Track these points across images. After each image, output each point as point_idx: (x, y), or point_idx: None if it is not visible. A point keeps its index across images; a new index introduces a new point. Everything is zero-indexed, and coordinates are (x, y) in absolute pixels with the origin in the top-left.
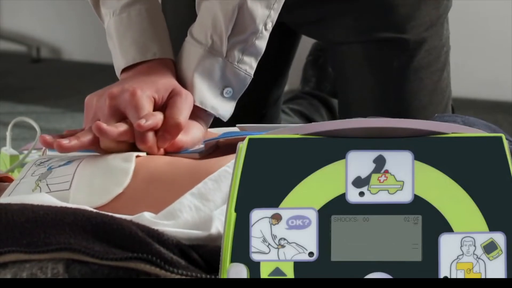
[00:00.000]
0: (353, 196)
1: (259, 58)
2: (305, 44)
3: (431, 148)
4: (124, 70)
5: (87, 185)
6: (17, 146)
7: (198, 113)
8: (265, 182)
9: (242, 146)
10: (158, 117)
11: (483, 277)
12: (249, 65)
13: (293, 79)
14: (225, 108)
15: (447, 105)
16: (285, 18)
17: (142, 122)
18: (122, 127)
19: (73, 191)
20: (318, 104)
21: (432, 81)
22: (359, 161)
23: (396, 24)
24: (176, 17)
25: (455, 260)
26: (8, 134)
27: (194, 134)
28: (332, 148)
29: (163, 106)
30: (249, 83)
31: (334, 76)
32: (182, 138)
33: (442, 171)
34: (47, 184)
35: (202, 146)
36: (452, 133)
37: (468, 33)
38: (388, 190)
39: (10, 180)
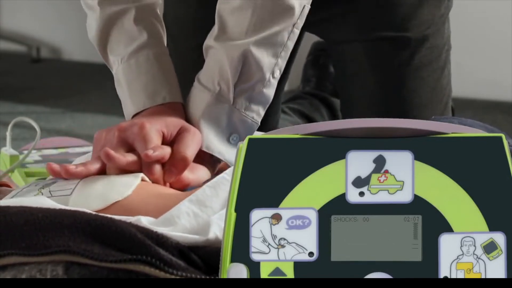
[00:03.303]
0: (353, 196)
1: (267, 106)
2: (305, 44)
3: (431, 148)
4: (134, 116)
5: (88, 191)
6: (17, 146)
7: (204, 158)
8: (265, 182)
9: (242, 146)
10: (166, 150)
11: (483, 277)
12: (256, 113)
13: (293, 79)
14: (231, 154)
15: (447, 103)
16: None
17: (150, 152)
18: (130, 156)
19: (73, 196)
20: (319, 104)
21: (433, 79)
22: (359, 161)
23: (398, 22)
24: (177, 21)
25: (455, 260)
26: (8, 134)
27: (200, 174)
28: (332, 148)
29: (172, 142)
30: (256, 129)
31: (335, 75)
32: (189, 175)
33: (442, 171)
34: (49, 191)
35: None
36: (452, 133)
37: (468, 33)
38: (388, 190)
39: (8, 187)
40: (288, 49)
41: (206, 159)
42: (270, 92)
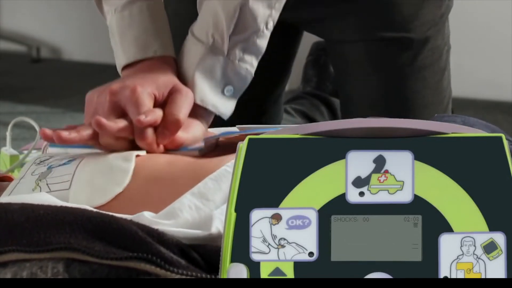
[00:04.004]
0: (353, 196)
1: (260, 57)
2: (306, 44)
3: (431, 148)
4: (125, 68)
5: (87, 185)
6: (17, 146)
7: (198, 111)
8: (265, 182)
9: (242, 146)
10: (158, 113)
11: (483, 277)
12: (250, 64)
13: (294, 79)
14: (226, 106)
15: (448, 104)
16: (288, 16)
17: (142, 117)
18: (121, 123)
19: (73, 191)
20: (319, 104)
21: (434, 80)
22: (359, 161)
23: (400, 23)
24: (177, 16)
25: (455, 260)
26: (8, 134)
27: (194, 131)
28: (332, 148)
29: (163, 103)
30: (249, 81)
31: (335, 75)
32: (182, 135)
33: (442, 171)
34: (47, 184)
35: (202, 144)
36: (452, 133)
37: (468, 33)
38: (388, 190)
39: (9, 179)
40: (281, 0)
41: (200, 112)
42: (263, 43)
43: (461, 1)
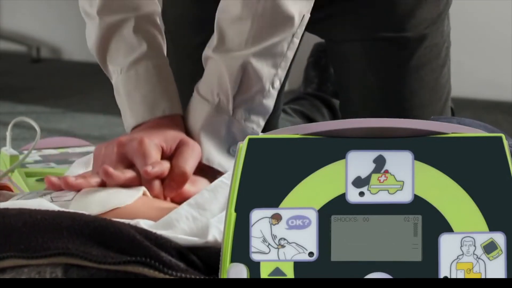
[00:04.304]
0: (353, 196)
1: (267, 117)
2: (307, 45)
3: (431, 148)
4: (134, 128)
5: (89, 198)
6: (17, 146)
7: (205, 170)
8: (265, 182)
9: (242, 146)
10: (165, 165)
11: (483, 277)
12: (256, 123)
13: (294, 80)
14: (231, 165)
15: (447, 101)
16: None
17: (149, 169)
18: (129, 173)
19: (74, 201)
20: (320, 105)
21: (432, 78)
22: (359, 161)
23: (397, 22)
24: (172, 15)
25: (455, 260)
26: (8, 134)
27: (201, 187)
28: (332, 148)
29: (171, 156)
30: None
31: (334, 74)
32: (189, 189)
33: (442, 171)
34: (51, 197)
35: None
36: (452, 133)
37: (468, 33)
38: (388, 190)
39: (8, 189)
40: (287, 59)
41: (207, 171)
42: (270, 102)
43: (461, 1)
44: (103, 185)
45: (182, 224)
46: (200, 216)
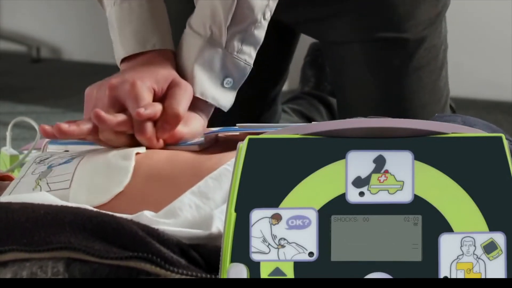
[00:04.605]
0: (353, 196)
1: (258, 48)
2: (304, 44)
3: (431, 148)
4: (124, 60)
5: (87, 184)
6: (17, 146)
7: (198, 105)
8: (265, 182)
9: (242, 146)
10: (157, 107)
11: (483, 277)
12: (249, 55)
13: (293, 79)
14: (225, 99)
15: (446, 103)
16: (284, 17)
17: (141, 111)
18: (121, 117)
19: (73, 190)
20: (318, 104)
21: (431, 79)
22: (359, 161)
23: (395, 23)
24: (174, 10)
25: (455, 260)
26: (8, 134)
27: (194, 125)
28: (332, 148)
29: (163, 97)
30: (248, 72)
31: (331, 76)
32: (182, 129)
33: (442, 171)
34: (47, 183)
35: (201, 138)
36: (452, 133)
37: (468, 33)
38: (388, 190)
39: (10, 178)
40: None
41: (200, 105)
42: (261, 33)
43: (461, 1)
44: (95, 130)
45: (186, 213)
46: (204, 205)
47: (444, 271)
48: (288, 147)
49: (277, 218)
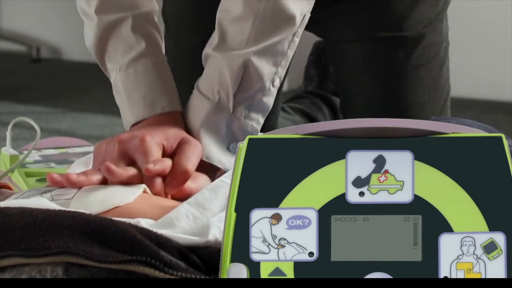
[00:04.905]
0: (353, 196)
1: (266, 114)
2: (307, 43)
3: (431, 148)
4: (133, 125)
5: (89, 196)
6: (17, 146)
7: (205, 166)
8: (265, 182)
9: (242, 146)
10: (167, 163)
11: (483, 277)
12: (256, 121)
13: (295, 79)
14: (231, 162)
15: (446, 100)
16: None
17: (150, 166)
18: (131, 170)
19: (74, 200)
20: (320, 103)
21: (431, 77)
22: (359, 161)
23: (395, 22)
24: (173, 11)
25: (455, 260)
26: (8, 134)
27: (201, 183)
28: (332, 148)
29: (172, 154)
30: None
31: (334, 74)
32: (190, 185)
33: (442, 171)
34: (51, 195)
35: None
36: (452, 133)
37: (468, 33)
38: (388, 190)
39: (8, 188)
40: (288, 58)
41: (207, 167)
42: (269, 100)
43: (461, 1)
44: (104, 182)
45: (183, 223)
46: (201, 215)
47: (444, 271)
48: (288, 147)
49: (277, 218)
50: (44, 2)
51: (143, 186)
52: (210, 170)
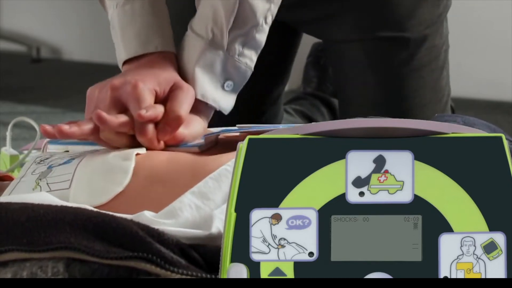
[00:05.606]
0: (353, 196)
1: (259, 51)
2: (306, 45)
3: (431, 148)
4: (126, 62)
5: (87, 184)
6: (17, 146)
7: (199, 107)
8: (265, 182)
9: (242, 146)
10: (159, 109)
11: (483, 277)
12: (250, 58)
13: (294, 80)
14: (226, 101)
15: (447, 103)
16: (286, 17)
17: (143, 112)
18: (122, 117)
19: (73, 190)
20: (320, 104)
21: (432, 79)
22: (359, 161)
23: (397, 22)
24: (176, 10)
25: (455, 260)
26: (8, 134)
27: (194, 127)
28: (332, 148)
29: (165, 99)
30: (249, 76)
31: (334, 75)
32: (183, 131)
33: (442, 171)
34: (47, 183)
35: (202, 140)
36: (452, 133)
37: (469, 33)
38: (388, 190)
39: (10, 178)
40: None
41: (200, 107)
42: (262, 37)
43: (462, 1)
44: (96, 130)
45: (186, 213)
46: (204, 205)
47: (444, 271)
48: (288, 147)
49: (277, 218)
50: (44, 2)
51: (134, 152)
52: (203, 110)
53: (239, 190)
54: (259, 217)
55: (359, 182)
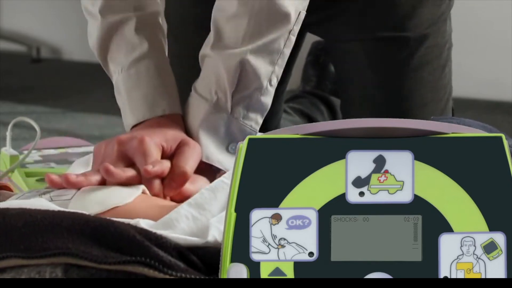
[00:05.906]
0: (353, 196)
1: (265, 114)
2: (305, 44)
3: (431, 148)
4: (133, 126)
5: (88, 197)
6: (17, 146)
7: (204, 168)
8: (265, 182)
9: (242, 146)
10: (165, 164)
11: (483, 277)
12: (255, 121)
13: (294, 79)
14: (231, 163)
15: (448, 101)
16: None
17: (149, 167)
18: (129, 172)
19: (73, 200)
20: (319, 103)
21: (433, 78)
22: (359, 161)
23: (397, 22)
24: (177, 14)
25: (455, 260)
26: (8, 134)
27: (200, 185)
28: (332, 148)
29: (171, 156)
30: None
31: (336, 74)
32: (189, 187)
33: (442, 171)
34: (50, 196)
35: None
36: (452, 133)
37: (469, 33)
38: (388, 190)
39: (8, 189)
40: (284, 56)
41: (206, 169)
42: (267, 100)
43: (462, 1)
44: (103, 183)
45: (182, 224)
46: (200, 216)
47: (444, 271)
48: (288, 147)
49: (277, 218)
50: (44, 2)
51: (142, 186)
52: (209, 171)
53: (239, 190)
54: (259, 217)
55: (359, 182)
